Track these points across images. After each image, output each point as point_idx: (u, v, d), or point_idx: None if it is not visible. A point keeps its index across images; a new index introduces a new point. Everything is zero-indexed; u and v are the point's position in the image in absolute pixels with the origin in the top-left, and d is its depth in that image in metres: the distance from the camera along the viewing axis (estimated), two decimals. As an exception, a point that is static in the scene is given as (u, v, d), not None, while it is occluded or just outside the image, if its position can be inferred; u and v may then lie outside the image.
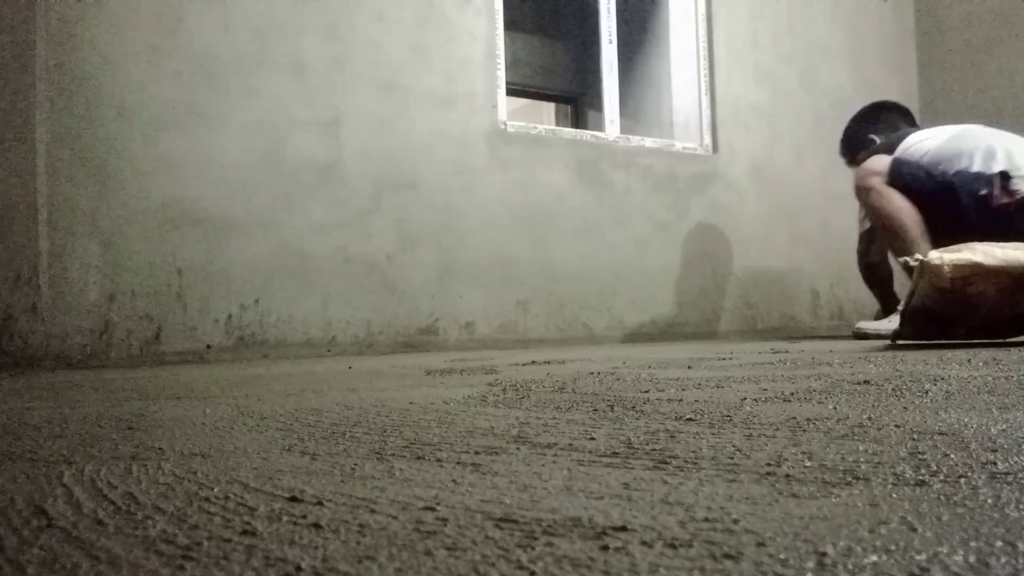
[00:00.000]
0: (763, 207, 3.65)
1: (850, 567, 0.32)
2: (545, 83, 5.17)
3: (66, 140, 2.30)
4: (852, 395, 0.92)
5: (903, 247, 2.41)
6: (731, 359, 1.70)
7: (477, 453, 0.62)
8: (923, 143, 2.49)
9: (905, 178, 2.44)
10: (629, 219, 3.29)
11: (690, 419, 0.76)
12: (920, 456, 0.55)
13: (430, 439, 0.69)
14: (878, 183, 2.48)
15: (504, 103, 3.08)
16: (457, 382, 1.31)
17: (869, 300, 2.87)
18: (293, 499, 0.47)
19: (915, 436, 0.63)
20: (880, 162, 2.52)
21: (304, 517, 0.43)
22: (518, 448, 0.63)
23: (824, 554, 0.34)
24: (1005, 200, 2.26)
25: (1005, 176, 2.30)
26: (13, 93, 2.28)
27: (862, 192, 2.55)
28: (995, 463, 0.51)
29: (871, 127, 2.90)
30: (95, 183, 2.34)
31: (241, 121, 2.55)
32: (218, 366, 2.17)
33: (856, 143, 2.92)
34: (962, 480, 0.47)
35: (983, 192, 2.29)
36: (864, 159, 2.71)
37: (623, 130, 3.44)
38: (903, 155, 2.50)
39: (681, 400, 0.93)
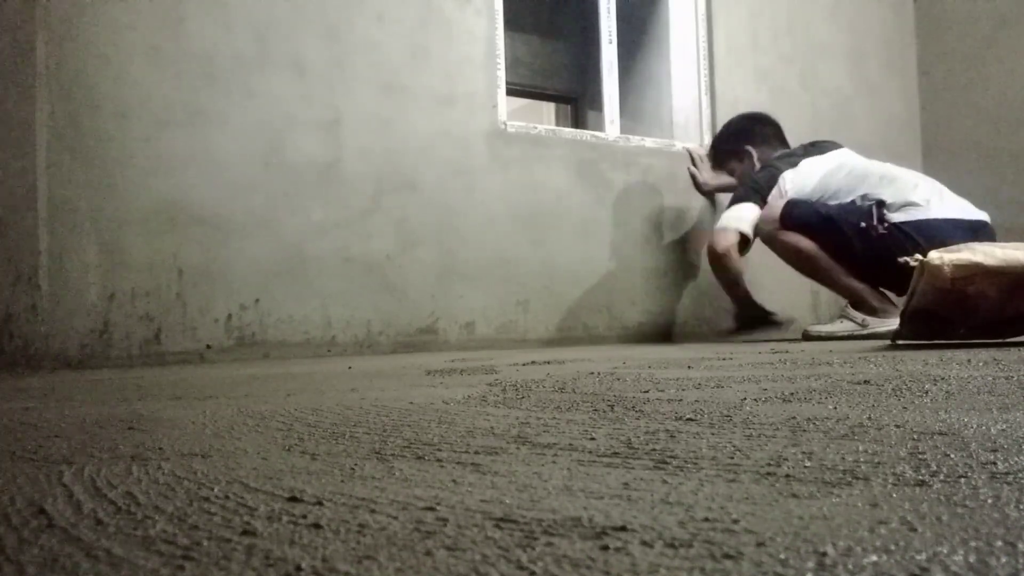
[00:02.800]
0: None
1: (850, 567, 0.32)
2: (545, 83, 5.16)
3: (66, 140, 2.30)
4: (852, 395, 0.92)
5: (823, 276, 2.74)
6: (731, 359, 1.70)
7: (477, 453, 0.62)
8: (804, 184, 2.77)
9: (796, 218, 2.70)
10: (629, 219, 3.29)
11: (690, 419, 0.76)
12: (920, 456, 0.55)
13: (430, 439, 0.69)
14: (773, 232, 2.76)
15: (504, 103, 3.08)
16: (457, 382, 1.31)
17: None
18: (293, 499, 0.47)
19: (915, 436, 0.63)
20: (769, 213, 2.77)
21: (304, 517, 0.43)
22: (518, 448, 0.63)
23: (824, 554, 0.34)
24: (882, 230, 2.54)
25: (880, 205, 2.57)
26: (13, 93, 2.28)
27: (767, 242, 2.83)
28: (995, 463, 0.51)
29: (746, 137, 3.12)
30: (95, 183, 2.34)
31: (241, 121, 2.55)
32: (218, 366, 2.17)
33: (727, 150, 3.16)
34: (962, 480, 0.47)
35: (862, 224, 2.58)
36: (741, 168, 3.07)
37: (623, 130, 3.44)
38: (791, 185, 2.78)
39: (681, 400, 0.93)
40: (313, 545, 0.38)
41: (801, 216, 2.69)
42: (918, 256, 1.90)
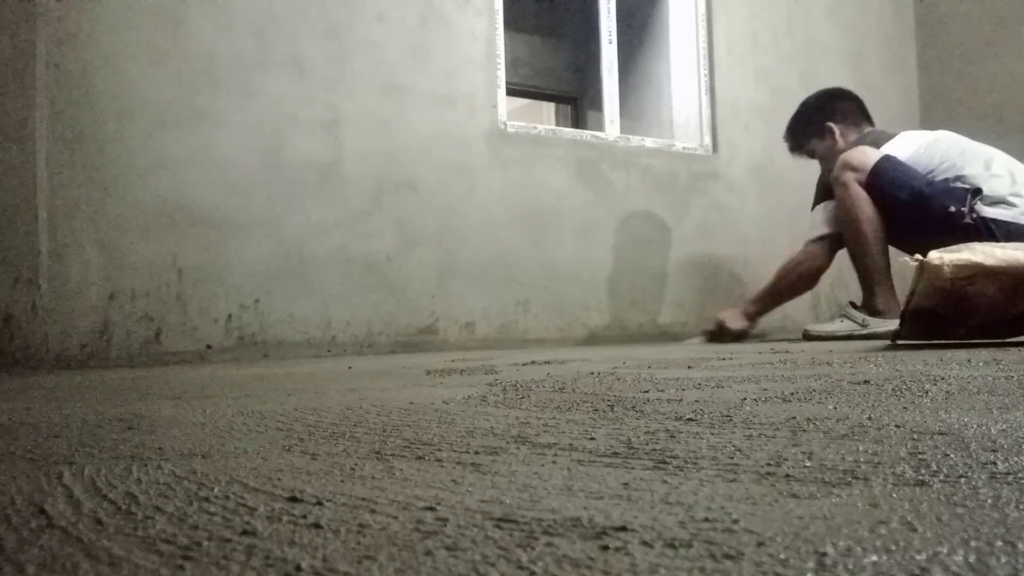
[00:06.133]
0: (763, 207, 3.65)
1: (850, 567, 0.32)
2: (545, 83, 5.17)
3: (66, 140, 2.30)
4: (852, 395, 0.92)
5: (859, 249, 2.60)
6: (731, 359, 1.70)
7: (477, 453, 0.62)
8: (908, 144, 2.56)
9: (884, 180, 2.49)
10: (629, 219, 3.29)
11: (690, 419, 0.76)
12: (920, 456, 0.55)
13: (430, 439, 0.69)
14: (851, 180, 2.52)
15: (504, 103, 3.08)
16: (457, 382, 1.31)
17: (857, 298, 2.89)
18: (293, 499, 0.47)
19: (915, 436, 0.63)
20: (861, 157, 2.52)
21: (304, 517, 0.43)
22: (518, 448, 0.63)
23: (824, 554, 0.34)
24: (969, 220, 2.36)
25: (977, 193, 2.39)
26: (13, 93, 2.28)
27: (837, 185, 2.58)
28: (995, 463, 0.51)
29: (827, 114, 2.88)
30: (95, 183, 2.34)
31: (241, 121, 2.55)
32: (218, 366, 2.17)
33: (809, 130, 2.91)
34: (962, 480, 0.47)
35: (952, 208, 2.38)
36: (823, 147, 2.82)
37: (623, 130, 3.44)
38: (890, 151, 2.55)
39: (681, 400, 0.93)
40: (313, 545, 0.38)
41: (890, 184, 2.47)
42: (918, 256, 1.89)
